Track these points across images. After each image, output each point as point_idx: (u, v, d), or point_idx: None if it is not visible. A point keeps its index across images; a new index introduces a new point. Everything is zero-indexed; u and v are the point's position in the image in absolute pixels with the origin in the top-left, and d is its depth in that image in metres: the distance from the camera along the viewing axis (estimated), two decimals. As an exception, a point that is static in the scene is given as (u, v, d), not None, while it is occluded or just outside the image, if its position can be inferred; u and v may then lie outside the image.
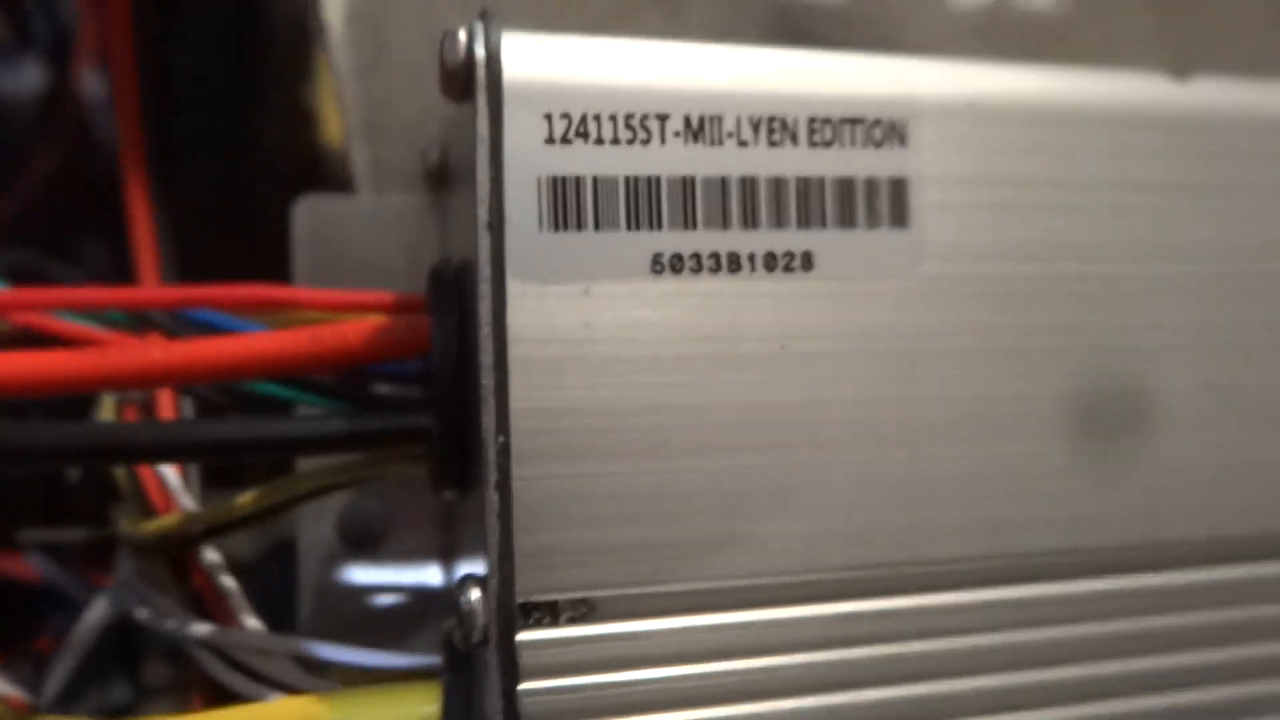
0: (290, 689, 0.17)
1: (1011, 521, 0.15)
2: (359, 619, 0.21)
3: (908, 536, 0.14)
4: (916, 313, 0.15)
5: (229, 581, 0.19)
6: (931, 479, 0.14)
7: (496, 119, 0.13)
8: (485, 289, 0.13)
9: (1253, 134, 0.17)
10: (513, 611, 0.13)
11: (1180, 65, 0.18)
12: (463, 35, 0.13)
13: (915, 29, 0.24)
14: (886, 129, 0.14)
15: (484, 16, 0.13)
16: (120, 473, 0.20)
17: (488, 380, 0.13)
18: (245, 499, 0.18)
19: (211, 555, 0.20)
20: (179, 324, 0.18)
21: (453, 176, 0.20)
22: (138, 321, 0.17)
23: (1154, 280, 0.16)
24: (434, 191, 0.21)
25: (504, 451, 0.13)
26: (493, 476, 0.13)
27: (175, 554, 0.20)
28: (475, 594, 0.13)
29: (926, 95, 0.15)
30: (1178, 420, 0.16)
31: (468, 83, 0.13)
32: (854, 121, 0.14)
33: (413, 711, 0.16)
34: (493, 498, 0.13)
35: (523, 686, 0.13)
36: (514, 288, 0.13)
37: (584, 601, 0.13)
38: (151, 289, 0.17)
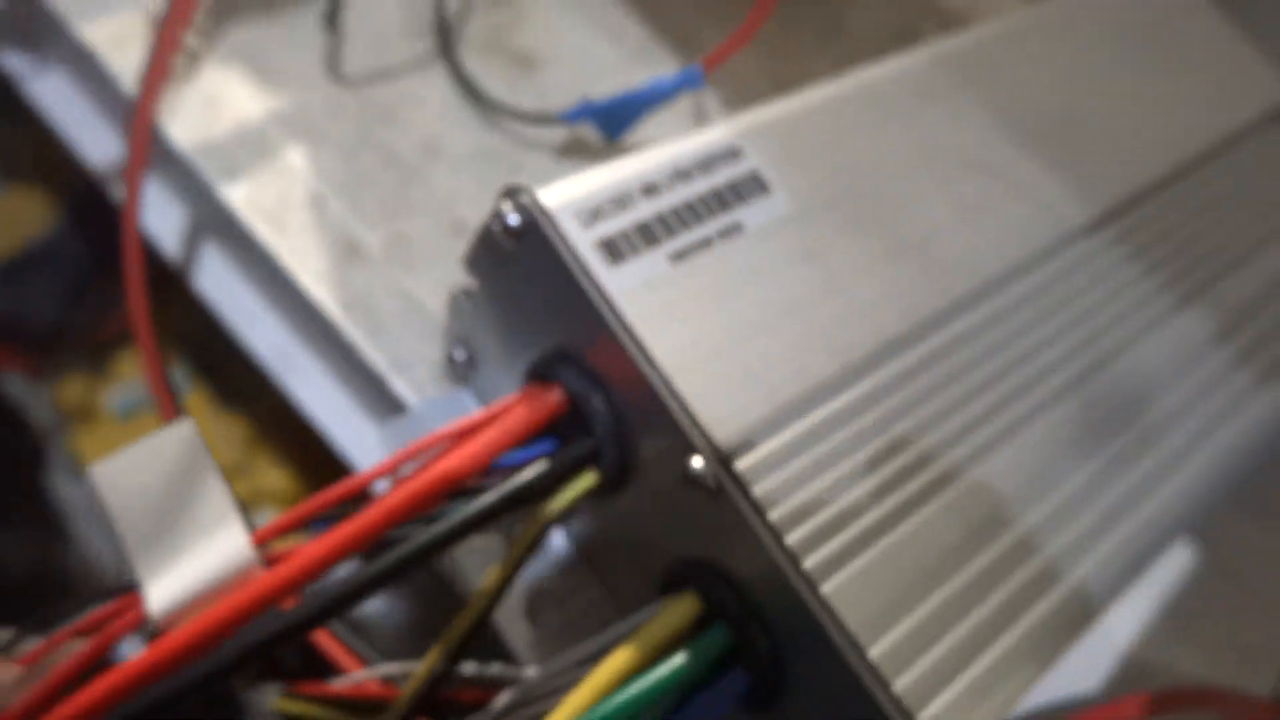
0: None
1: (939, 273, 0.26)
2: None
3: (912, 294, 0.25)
4: (806, 225, 0.26)
5: (495, 667, 0.25)
6: (886, 285, 0.25)
7: (558, 230, 0.23)
8: (606, 309, 0.22)
9: (891, 88, 0.30)
10: (725, 453, 0.21)
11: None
12: (507, 205, 0.23)
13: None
14: (734, 151, 0.26)
15: (520, 189, 0.23)
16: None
17: (635, 352, 0.22)
18: (490, 580, 0.24)
19: (466, 669, 0.25)
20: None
21: (478, 358, 0.29)
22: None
23: (899, 171, 0.29)
24: (465, 376, 0.30)
25: (664, 380, 0.22)
26: (665, 391, 0.22)
27: (425, 707, 0.25)
28: (697, 462, 0.21)
29: (741, 130, 0.26)
30: (945, 225, 0.28)
31: (528, 226, 0.23)
32: (720, 156, 0.26)
33: (686, 613, 0.23)
34: (670, 400, 0.22)
35: (754, 493, 0.21)
36: (618, 300, 0.22)
37: (749, 437, 0.22)
38: (375, 511, 0.23)
